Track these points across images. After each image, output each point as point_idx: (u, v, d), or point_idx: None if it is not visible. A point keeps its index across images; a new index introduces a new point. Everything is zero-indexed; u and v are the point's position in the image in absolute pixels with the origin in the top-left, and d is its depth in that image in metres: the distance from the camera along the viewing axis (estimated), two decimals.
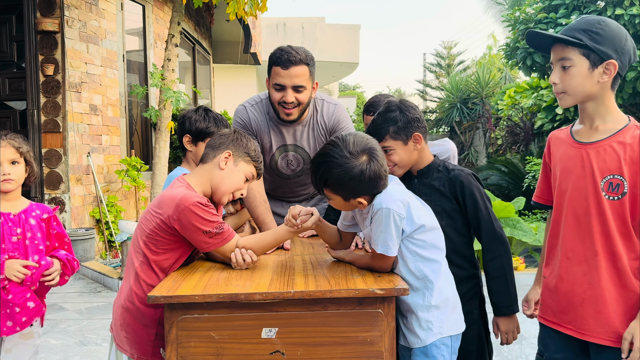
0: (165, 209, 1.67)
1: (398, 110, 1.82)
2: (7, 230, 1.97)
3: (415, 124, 1.81)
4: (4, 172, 1.99)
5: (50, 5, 5.54)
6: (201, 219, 1.65)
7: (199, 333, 1.46)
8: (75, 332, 3.87)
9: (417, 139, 1.82)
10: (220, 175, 1.79)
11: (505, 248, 1.78)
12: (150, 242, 1.70)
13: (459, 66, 19.00)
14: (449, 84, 13.20)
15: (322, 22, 15.87)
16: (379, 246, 1.58)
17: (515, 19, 7.11)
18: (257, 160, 1.86)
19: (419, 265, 1.61)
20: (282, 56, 2.17)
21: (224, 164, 1.79)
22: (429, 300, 1.61)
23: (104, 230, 5.97)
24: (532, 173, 6.29)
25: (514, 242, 5.37)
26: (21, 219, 2.03)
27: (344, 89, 32.78)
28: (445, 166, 1.86)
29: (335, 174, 1.57)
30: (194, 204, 1.64)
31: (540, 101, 9.31)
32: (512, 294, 1.79)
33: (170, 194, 1.69)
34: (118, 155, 6.50)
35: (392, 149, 1.82)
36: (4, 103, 5.89)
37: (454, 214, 1.81)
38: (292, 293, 1.45)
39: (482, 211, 1.77)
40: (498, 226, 1.79)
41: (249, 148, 1.84)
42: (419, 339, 1.61)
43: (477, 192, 1.78)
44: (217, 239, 1.69)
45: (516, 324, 1.82)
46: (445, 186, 1.81)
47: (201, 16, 9.76)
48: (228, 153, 1.80)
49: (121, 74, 6.57)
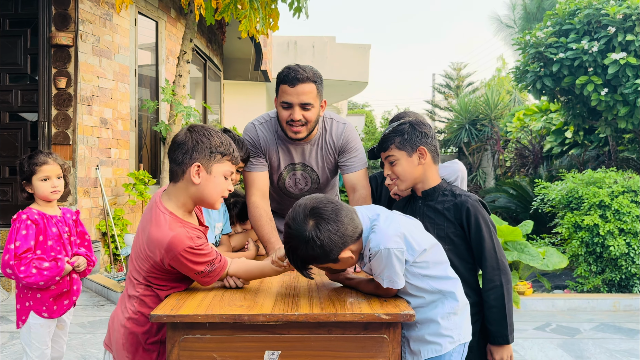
0: (156, 252, 1.61)
1: (409, 124, 1.85)
2: (61, 229, 2.53)
3: (423, 138, 1.83)
4: (53, 185, 2.49)
5: (66, 19, 5.62)
6: (192, 262, 1.61)
7: (201, 354, 1.44)
8: (77, 346, 3.84)
9: (422, 152, 1.82)
10: (197, 189, 1.66)
11: (507, 278, 1.77)
12: (152, 278, 1.68)
13: (467, 87, 19.05)
14: (457, 105, 13.20)
15: (332, 41, 15.98)
16: (384, 281, 1.57)
17: (526, 43, 7.12)
18: (227, 153, 1.68)
19: (429, 282, 1.61)
20: (289, 74, 2.18)
21: (197, 178, 1.64)
22: (449, 308, 1.62)
23: (110, 244, 5.97)
24: (541, 196, 6.23)
25: (521, 267, 5.31)
26: (66, 219, 2.58)
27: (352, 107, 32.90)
28: (452, 190, 1.84)
29: (300, 254, 1.53)
30: (183, 251, 1.58)
31: (549, 124, 9.28)
32: (509, 324, 1.77)
33: (158, 237, 1.60)
34: (126, 168, 6.53)
35: (396, 159, 1.84)
36: (17, 114, 5.95)
37: (458, 240, 1.80)
38: (296, 315, 1.43)
39: (486, 240, 1.76)
40: (501, 255, 1.78)
41: (214, 145, 1.66)
42: (439, 346, 1.60)
43: (483, 221, 1.77)
44: (210, 276, 1.68)
45: (510, 352, 1.81)
46: (451, 211, 1.80)
47: (213, 33, 9.87)
48: (197, 165, 1.64)
49: (132, 88, 6.64)
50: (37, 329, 2.45)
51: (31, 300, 2.46)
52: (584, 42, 6.40)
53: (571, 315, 4.86)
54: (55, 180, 2.49)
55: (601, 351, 3.86)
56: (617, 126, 6.93)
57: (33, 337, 2.45)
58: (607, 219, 5.20)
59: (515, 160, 10.27)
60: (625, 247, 5.09)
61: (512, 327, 1.78)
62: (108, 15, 6.14)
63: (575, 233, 5.38)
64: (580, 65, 6.50)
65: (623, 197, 5.23)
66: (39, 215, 2.47)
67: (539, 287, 5.71)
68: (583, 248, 5.31)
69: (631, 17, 6.18)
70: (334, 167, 2.45)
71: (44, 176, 2.46)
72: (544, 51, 6.74)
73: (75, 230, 2.63)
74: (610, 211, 5.20)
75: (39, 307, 2.46)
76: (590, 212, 5.26)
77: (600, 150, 8.40)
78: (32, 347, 2.45)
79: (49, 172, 2.47)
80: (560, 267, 5.20)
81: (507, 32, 15.97)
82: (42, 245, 2.44)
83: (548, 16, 7.13)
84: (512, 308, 1.79)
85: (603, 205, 5.24)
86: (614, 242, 5.09)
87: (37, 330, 2.45)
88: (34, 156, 2.48)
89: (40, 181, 2.46)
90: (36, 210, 2.48)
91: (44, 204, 2.51)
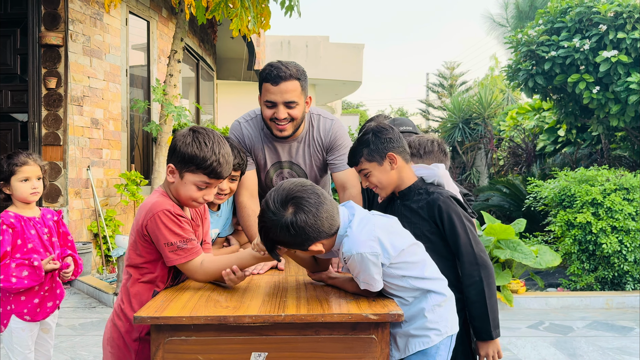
0: (140, 216, 1.69)
1: (371, 133, 1.83)
2: (40, 230, 2.44)
3: (389, 144, 1.81)
4: (33, 187, 2.42)
5: (55, 19, 5.57)
6: (166, 228, 1.63)
7: (186, 356, 1.42)
8: (67, 348, 3.80)
9: (392, 158, 1.81)
10: (173, 187, 1.73)
11: (486, 272, 1.75)
12: (134, 252, 1.71)
13: (461, 87, 19.08)
14: (451, 104, 13.21)
15: (325, 41, 15.96)
16: (361, 284, 1.57)
17: (518, 41, 7.12)
18: (204, 167, 1.65)
19: (410, 281, 1.60)
20: (271, 72, 2.13)
21: (170, 177, 1.72)
22: (433, 301, 1.61)
23: (101, 245, 5.92)
24: (534, 194, 6.23)
25: (514, 265, 5.30)
26: (45, 220, 2.49)
27: (347, 107, 32.91)
28: (426, 189, 1.83)
29: (272, 236, 1.53)
30: (162, 211, 1.65)
31: (542, 123, 9.30)
32: (491, 319, 1.75)
33: (145, 202, 1.72)
34: (118, 169, 6.48)
35: (369, 170, 1.83)
36: (7, 115, 5.89)
37: (434, 238, 1.79)
38: (282, 316, 1.41)
39: (460, 235, 1.75)
40: (479, 250, 1.76)
41: (191, 155, 1.65)
42: (427, 339, 1.59)
43: (456, 217, 1.76)
44: (177, 254, 1.65)
45: (496, 348, 1.79)
46: (424, 209, 1.80)
47: (206, 33, 9.83)
48: (170, 167, 1.72)
49: (124, 89, 6.59)
50: (19, 333, 2.40)
51: (13, 304, 2.40)
52: (576, 40, 6.41)
53: (564, 313, 4.86)
54: (35, 181, 2.42)
55: (594, 349, 3.86)
56: (609, 124, 6.95)
57: (15, 341, 2.39)
58: (600, 216, 5.21)
59: (509, 158, 10.30)
60: (618, 245, 5.10)
61: (497, 323, 1.77)
62: (98, 14, 6.09)
63: (568, 231, 5.39)
64: (572, 63, 6.51)
65: (615, 194, 5.24)
66: (16, 218, 2.39)
67: (532, 286, 5.72)
68: (576, 246, 5.32)
69: (622, 15, 6.20)
70: (322, 164, 2.42)
71: (24, 177, 2.39)
72: (536, 49, 6.75)
73: (57, 231, 2.54)
74: (602, 209, 5.20)
75: (20, 310, 2.39)
76: (582, 210, 5.26)
77: (592, 148, 8.42)
78: (15, 352, 2.39)
79: (29, 173, 2.40)
80: (553, 265, 5.21)
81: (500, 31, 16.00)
82: (21, 248, 2.37)
83: (540, 14, 7.15)
84: (495, 303, 1.76)
85: (595, 203, 5.25)
86: (606, 239, 5.10)
87: (18, 335, 2.40)
88: (13, 156, 2.41)
89: (19, 182, 2.39)
90: (13, 212, 2.40)
91: (22, 205, 2.44)
